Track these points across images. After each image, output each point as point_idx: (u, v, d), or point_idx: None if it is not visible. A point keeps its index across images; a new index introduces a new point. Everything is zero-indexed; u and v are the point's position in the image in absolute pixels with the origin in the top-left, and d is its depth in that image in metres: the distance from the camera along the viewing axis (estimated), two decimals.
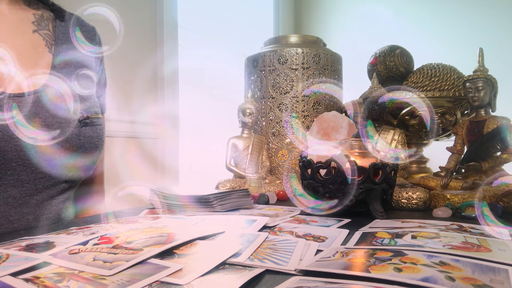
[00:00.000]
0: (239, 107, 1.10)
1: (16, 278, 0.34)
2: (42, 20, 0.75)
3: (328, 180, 0.69)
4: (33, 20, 0.73)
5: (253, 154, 1.07)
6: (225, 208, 0.72)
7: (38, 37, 0.72)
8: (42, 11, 0.76)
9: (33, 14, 0.74)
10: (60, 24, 0.77)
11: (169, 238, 0.45)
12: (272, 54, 1.14)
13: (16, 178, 0.64)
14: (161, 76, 1.96)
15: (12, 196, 0.64)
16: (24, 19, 0.72)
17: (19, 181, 0.64)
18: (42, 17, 0.75)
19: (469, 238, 0.48)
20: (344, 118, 1.06)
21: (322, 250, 0.44)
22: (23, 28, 0.71)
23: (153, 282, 0.33)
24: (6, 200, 0.63)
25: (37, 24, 0.73)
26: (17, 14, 0.72)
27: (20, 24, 0.71)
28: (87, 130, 0.72)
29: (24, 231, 0.58)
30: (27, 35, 0.71)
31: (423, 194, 0.78)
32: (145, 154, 1.78)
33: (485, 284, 0.32)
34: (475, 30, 2.44)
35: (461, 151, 0.91)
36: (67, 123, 0.68)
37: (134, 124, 1.74)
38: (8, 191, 0.63)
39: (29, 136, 0.63)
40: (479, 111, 0.87)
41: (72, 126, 0.69)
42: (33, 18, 0.73)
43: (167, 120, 1.96)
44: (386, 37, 1.62)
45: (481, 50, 0.89)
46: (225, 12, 2.53)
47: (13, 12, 0.71)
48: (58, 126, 0.67)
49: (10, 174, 0.63)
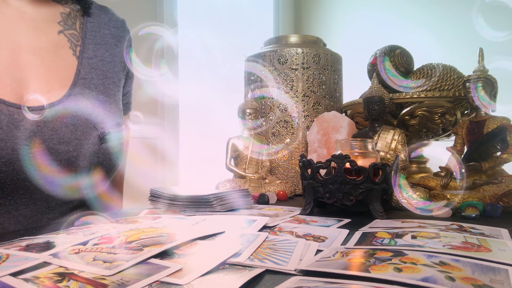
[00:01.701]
0: (239, 107, 1.10)
1: (16, 278, 0.34)
2: (69, 19, 0.69)
3: (328, 180, 0.69)
4: (60, 20, 0.68)
5: (253, 154, 1.07)
6: (225, 208, 0.72)
7: (63, 39, 0.67)
8: (70, 7, 0.71)
9: (60, 13, 0.69)
10: (88, 20, 0.71)
11: (169, 238, 0.45)
12: (272, 54, 1.14)
13: (29, 197, 0.60)
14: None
15: (23, 215, 0.61)
16: (50, 18, 0.67)
17: (32, 199, 0.61)
18: (69, 15, 0.70)
19: (469, 238, 0.48)
20: (344, 118, 1.06)
21: (322, 250, 0.44)
22: (47, 29, 0.66)
23: (153, 282, 0.33)
24: (17, 219, 0.61)
25: (63, 24, 0.68)
26: (42, 13, 0.66)
27: (45, 24, 0.66)
28: (106, 147, 0.67)
29: (24, 231, 0.58)
30: (50, 37, 0.66)
31: (423, 194, 0.78)
32: (145, 154, 1.78)
33: (485, 284, 0.32)
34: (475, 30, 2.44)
35: (461, 151, 0.91)
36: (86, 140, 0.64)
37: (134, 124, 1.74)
38: (20, 210, 0.61)
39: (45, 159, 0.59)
40: (479, 111, 0.88)
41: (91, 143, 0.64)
42: (59, 18, 0.68)
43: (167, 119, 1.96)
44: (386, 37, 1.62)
45: (481, 50, 0.89)
46: (225, 12, 2.53)
47: (38, 11, 0.66)
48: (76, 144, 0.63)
49: (23, 194, 0.60)
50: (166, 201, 0.75)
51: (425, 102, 1.02)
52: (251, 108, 1.08)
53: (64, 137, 0.62)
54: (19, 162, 0.58)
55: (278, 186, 1.00)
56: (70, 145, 0.62)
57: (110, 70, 0.71)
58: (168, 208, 0.74)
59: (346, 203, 0.68)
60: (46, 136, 0.60)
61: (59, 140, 0.61)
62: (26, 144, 0.59)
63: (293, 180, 1.11)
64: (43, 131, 0.60)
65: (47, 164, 0.60)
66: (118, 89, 0.73)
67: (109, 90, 0.70)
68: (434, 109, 1.02)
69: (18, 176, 0.59)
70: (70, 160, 0.63)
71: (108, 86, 0.70)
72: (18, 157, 0.58)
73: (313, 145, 1.08)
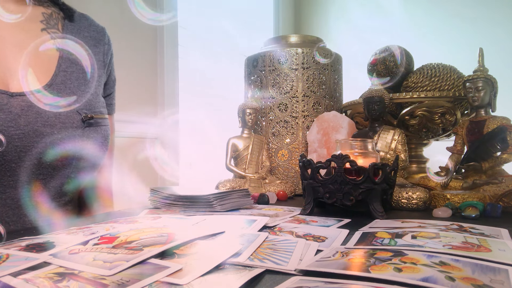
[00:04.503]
0: (239, 107, 1.10)
1: (16, 278, 0.34)
2: (51, 19, 0.74)
3: (328, 180, 0.69)
4: (42, 19, 0.73)
5: (253, 154, 1.07)
6: (225, 208, 0.72)
7: (46, 36, 0.72)
8: (52, 9, 0.76)
9: (42, 13, 0.73)
10: (69, 23, 0.76)
11: (169, 238, 0.45)
12: (272, 54, 1.14)
13: (16, 179, 0.63)
14: (161, 76, 1.96)
15: (10, 198, 0.63)
16: (33, 17, 0.72)
17: (19, 182, 0.63)
18: (51, 16, 0.75)
19: (469, 238, 0.48)
20: (344, 118, 1.06)
21: (322, 250, 0.44)
22: (30, 26, 0.71)
23: (153, 282, 0.33)
24: (4, 201, 0.63)
25: (45, 23, 0.73)
26: (25, 11, 0.70)
27: (28, 22, 0.71)
28: (90, 131, 0.70)
29: (24, 231, 0.58)
30: (34, 33, 0.71)
31: (423, 194, 0.78)
32: (145, 154, 1.78)
33: (485, 284, 0.32)
34: (475, 30, 2.44)
35: (461, 151, 0.91)
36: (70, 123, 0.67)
37: (134, 124, 1.74)
38: (7, 192, 0.63)
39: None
40: (479, 111, 0.88)
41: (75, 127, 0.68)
42: (41, 17, 0.73)
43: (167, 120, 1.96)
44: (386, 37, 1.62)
45: (481, 50, 0.89)
46: (225, 12, 2.53)
47: (21, 10, 0.70)
48: (60, 127, 0.66)
49: (10, 176, 0.63)
50: (166, 201, 0.75)
51: (425, 102, 1.02)
52: (251, 108, 1.08)
53: (49, 120, 0.65)
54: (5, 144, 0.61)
55: (278, 186, 1.00)
56: (55, 127, 0.66)
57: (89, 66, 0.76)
58: (168, 208, 0.74)
59: (346, 203, 0.68)
60: (30, 119, 0.63)
61: (44, 123, 0.65)
62: (11, 126, 0.62)
63: (293, 180, 1.11)
64: (27, 114, 0.63)
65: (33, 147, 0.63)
66: (98, 84, 0.77)
67: (89, 83, 0.74)
68: (434, 109, 1.02)
69: (5, 158, 0.61)
70: (55, 143, 0.66)
71: (89, 80, 0.74)
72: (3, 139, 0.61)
73: (313, 145, 1.08)
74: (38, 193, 0.66)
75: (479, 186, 0.80)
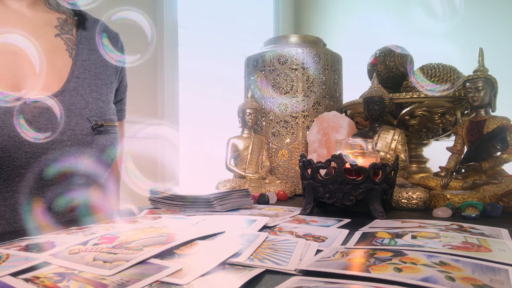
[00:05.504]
0: (239, 107, 1.10)
1: (16, 278, 0.34)
2: (65, 25, 0.74)
3: (328, 180, 0.69)
4: (56, 24, 0.73)
5: (253, 154, 1.07)
6: (225, 208, 0.72)
7: (60, 41, 0.72)
8: (66, 15, 0.75)
9: (57, 18, 0.73)
10: (83, 29, 0.76)
11: (169, 238, 0.45)
12: (272, 54, 1.14)
13: (25, 185, 0.63)
14: (161, 76, 1.96)
15: (19, 203, 0.63)
16: (47, 22, 0.72)
17: (28, 188, 0.63)
18: (66, 21, 0.75)
19: (469, 238, 0.48)
20: (344, 118, 1.06)
21: (322, 250, 0.44)
22: (45, 31, 0.70)
23: (153, 282, 0.33)
24: (13, 206, 0.62)
25: (60, 28, 0.73)
26: (39, 16, 0.71)
27: (42, 27, 0.70)
28: (100, 139, 0.70)
29: (24, 231, 0.58)
30: (48, 38, 0.70)
31: (423, 194, 0.78)
32: (145, 154, 1.78)
33: (485, 284, 0.32)
34: (475, 30, 2.44)
35: (461, 151, 0.91)
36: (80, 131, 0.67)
37: (134, 124, 1.74)
38: (16, 197, 0.63)
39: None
40: (479, 111, 0.88)
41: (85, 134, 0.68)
42: (56, 22, 0.73)
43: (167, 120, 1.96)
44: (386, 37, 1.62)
45: (481, 50, 0.89)
46: (225, 12, 2.53)
47: (36, 15, 0.70)
48: (70, 134, 0.66)
49: (19, 181, 0.62)
50: (166, 201, 0.75)
51: (425, 102, 1.02)
52: (251, 108, 1.08)
53: (59, 127, 0.65)
54: (15, 149, 0.61)
55: (278, 186, 1.00)
56: (65, 134, 0.65)
57: (102, 72, 0.75)
58: (168, 208, 0.74)
59: (346, 203, 0.68)
60: (41, 125, 0.63)
61: (54, 129, 0.64)
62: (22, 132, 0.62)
63: (293, 180, 1.11)
64: (38, 121, 0.63)
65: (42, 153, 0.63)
66: (110, 91, 0.77)
67: (101, 90, 0.74)
68: (434, 109, 1.02)
69: (14, 163, 0.61)
70: (65, 150, 0.65)
71: (100, 87, 0.74)
72: (14, 144, 0.60)
73: (313, 145, 1.08)
74: (47, 199, 0.65)
75: (479, 186, 0.80)
